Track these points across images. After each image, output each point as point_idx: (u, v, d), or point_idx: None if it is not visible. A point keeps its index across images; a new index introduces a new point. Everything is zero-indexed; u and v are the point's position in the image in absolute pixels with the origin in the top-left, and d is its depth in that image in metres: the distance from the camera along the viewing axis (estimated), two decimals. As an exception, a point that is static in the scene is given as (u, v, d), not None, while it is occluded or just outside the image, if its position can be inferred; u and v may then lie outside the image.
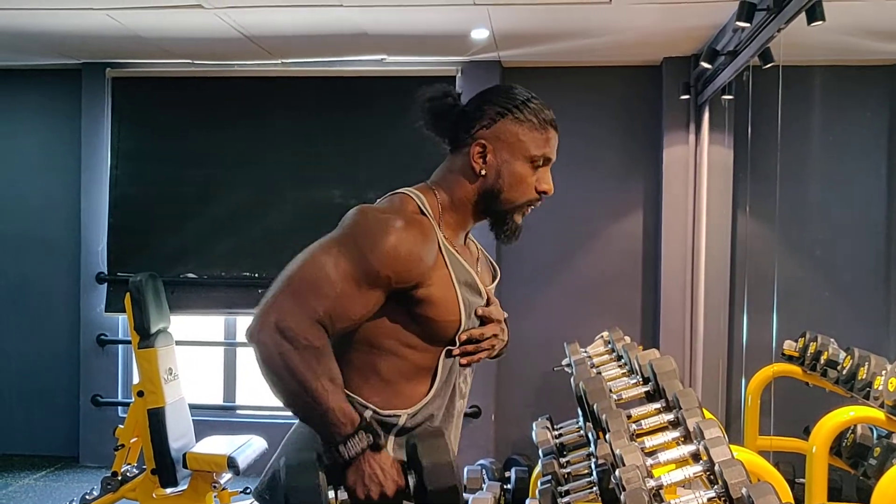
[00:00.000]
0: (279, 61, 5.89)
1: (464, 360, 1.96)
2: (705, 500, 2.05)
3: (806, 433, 4.20)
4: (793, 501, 2.17)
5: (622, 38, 5.25)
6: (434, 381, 1.92)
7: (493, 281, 2.23)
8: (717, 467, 2.08)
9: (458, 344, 1.93)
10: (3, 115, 6.38)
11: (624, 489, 2.10)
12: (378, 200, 1.98)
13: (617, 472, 2.27)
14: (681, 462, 2.31)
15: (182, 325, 5.75)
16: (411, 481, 1.79)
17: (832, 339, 4.41)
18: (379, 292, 1.79)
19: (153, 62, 6.04)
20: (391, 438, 1.88)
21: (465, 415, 2.26)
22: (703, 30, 5.00)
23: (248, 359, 6.45)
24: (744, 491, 1.87)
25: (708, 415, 2.49)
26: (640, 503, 2.02)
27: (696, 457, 2.28)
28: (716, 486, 2.08)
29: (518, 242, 4.51)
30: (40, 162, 6.34)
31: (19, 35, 5.35)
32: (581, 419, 3.50)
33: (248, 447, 4.39)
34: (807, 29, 3.52)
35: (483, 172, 1.90)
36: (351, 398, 1.82)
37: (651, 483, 2.17)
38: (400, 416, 1.87)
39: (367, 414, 1.83)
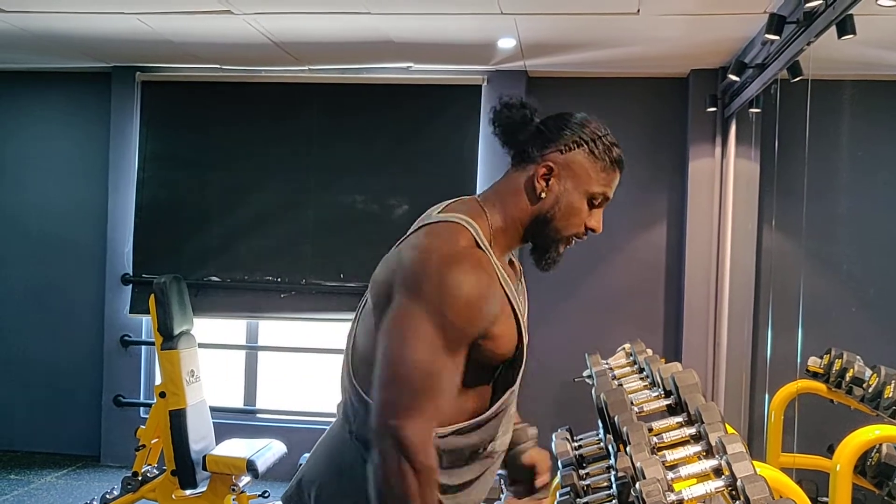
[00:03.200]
0: (306, 68, 5.92)
1: None
2: (727, 516, 2.03)
3: (830, 451, 4.14)
4: (816, 520, 2.14)
5: (649, 49, 5.24)
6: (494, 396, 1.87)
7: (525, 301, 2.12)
8: (739, 483, 2.06)
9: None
10: (33, 117, 6.45)
11: (644, 502, 2.08)
12: (428, 218, 1.89)
13: (637, 486, 2.25)
14: (702, 477, 2.28)
15: (204, 328, 5.77)
16: None
17: (858, 357, 4.35)
18: (465, 350, 1.72)
19: (182, 66, 6.10)
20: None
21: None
22: (730, 42, 4.98)
23: (269, 363, 6.49)
24: (766, 506, 1.84)
25: (730, 430, 2.46)
26: (660, 518, 2.00)
27: (717, 472, 2.26)
28: (738, 502, 2.06)
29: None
30: (69, 164, 6.41)
31: (50, 38, 5.41)
32: (601, 431, 3.49)
33: (268, 451, 4.40)
34: (836, 43, 3.49)
35: (542, 195, 1.85)
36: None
37: (672, 497, 2.14)
38: (443, 432, 1.78)
39: None
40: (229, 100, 6.14)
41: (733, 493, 2.13)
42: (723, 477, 2.20)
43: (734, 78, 4.80)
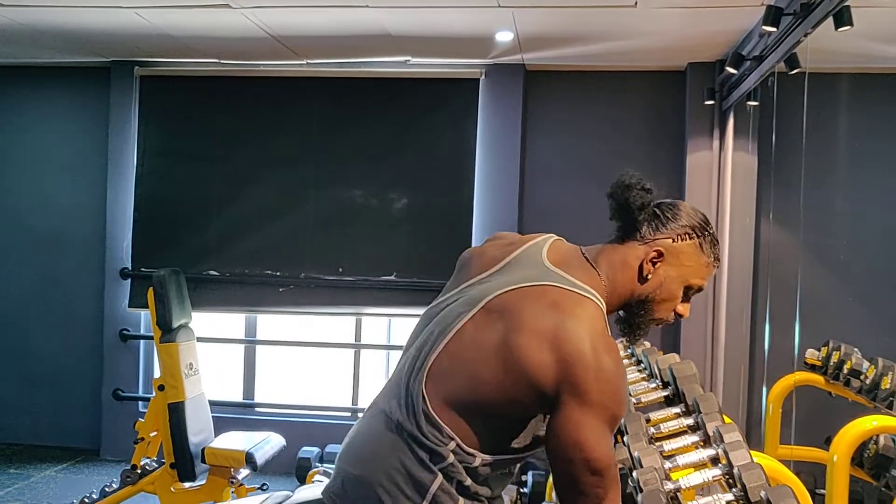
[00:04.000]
0: (304, 61, 5.92)
1: None
2: (724, 503, 2.04)
3: (827, 443, 4.15)
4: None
5: (647, 42, 5.24)
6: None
7: None
8: (736, 471, 2.06)
9: None
10: (32, 112, 6.46)
11: (641, 490, 2.09)
12: (550, 275, 1.88)
13: (634, 474, 2.26)
14: (699, 466, 2.29)
15: (203, 322, 5.78)
16: None
17: (856, 349, 4.37)
18: None
19: (181, 61, 6.09)
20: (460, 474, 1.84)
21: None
22: (728, 34, 4.98)
23: (267, 357, 6.50)
24: (763, 494, 1.85)
25: (727, 420, 2.47)
26: (656, 503, 2.01)
27: (715, 460, 2.27)
28: (734, 490, 2.07)
29: None
30: (68, 159, 6.42)
31: (49, 33, 5.41)
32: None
33: (267, 444, 4.41)
34: (833, 35, 3.50)
35: (648, 277, 1.91)
36: (441, 426, 1.80)
37: (669, 486, 2.15)
38: (476, 456, 1.83)
39: (451, 445, 1.80)
40: (228, 94, 6.14)
41: (730, 480, 2.14)
42: (720, 465, 2.21)
43: (732, 70, 4.80)
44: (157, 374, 6.07)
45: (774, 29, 3.84)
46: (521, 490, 5.15)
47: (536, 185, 5.96)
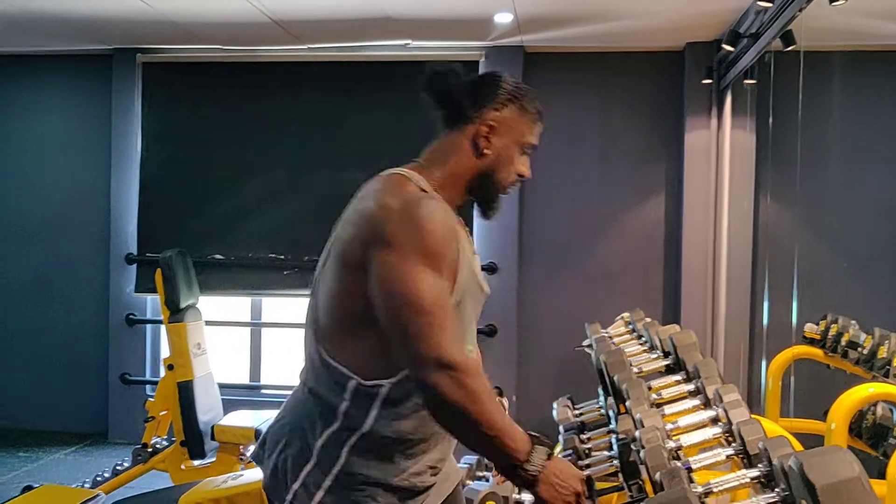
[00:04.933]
0: (305, 46, 5.96)
1: None
2: (724, 457, 2.10)
3: (825, 416, 4.23)
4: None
5: (645, 22, 5.29)
6: None
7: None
8: (735, 427, 2.13)
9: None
10: (35, 99, 6.51)
11: (643, 447, 2.16)
12: (370, 183, 2.00)
13: (637, 433, 2.33)
14: (700, 426, 2.36)
15: (209, 305, 5.85)
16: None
17: (853, 321, 4.43)
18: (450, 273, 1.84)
19: (183, 48, 6.14)
20: (374, 411, 1.86)
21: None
22: (725, 14, 5.03)
23: (273, 339, 6.57)
24: (761, 445, 1.92)
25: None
26: (658, 460, 2.07)
27: (715, 420, 2.34)
28: (734, 444, 2.13)
29: (539, 226, 4.40)
30: (71, 146, 6.47)
31: (52, 20, 5.46)
32: (602, 399, 3.56)
33: (275, 421, 4.48)
34: (828, 13, 3.55)
35: (486, 152, 1.97)
36: (338, 368, 1.86)
37: (671, 444, 2.22)
38: (383, 385, 1.86)
39: (352, 384, 1.84)
40: (230, 80, 6.20)
41: (730, 438, 2.21)
42: (720, 424, 2.28)
43: (728, 48, 4.86)
44: (163, 357, 6.17)
45: (770, 4, 3.90)
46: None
47: (537, 164, 5.94)
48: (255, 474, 2.86)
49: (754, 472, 1.84)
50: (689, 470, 2.07)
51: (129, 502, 3.08)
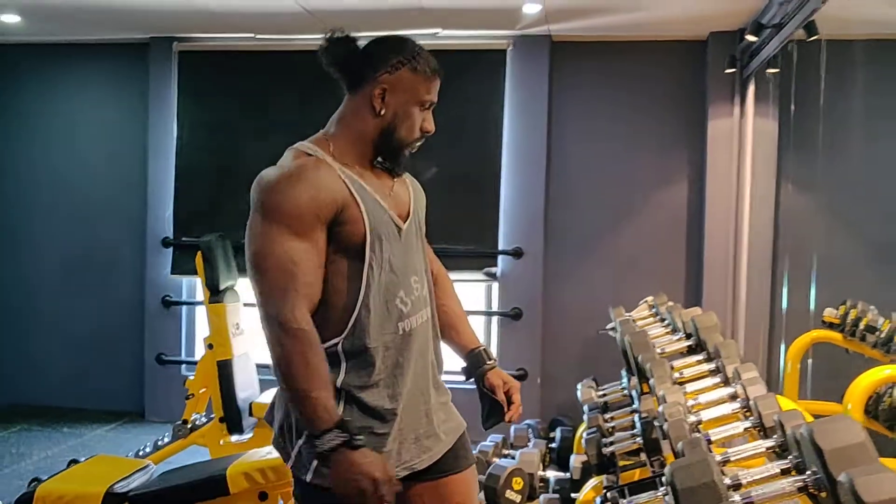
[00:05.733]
0: (337, 35, 6.09)
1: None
2: (741, 430, 2.25)
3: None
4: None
5: (670, 12, 5.39)
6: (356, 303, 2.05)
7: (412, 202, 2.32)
8: (752, 402, 2.27)
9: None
10: (74, 88, 6.69)
11: (666, 420, 2.30)
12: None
13: (660, 408, 2.48)
14: (719, 402, 2.50)
15: (243, 288, 6.02)
16: None
17: (872, 307, 4.53)
18: (320, 233, 2.02)
19: (218, 36, 6.30)
20: (342, 370, 2.03)
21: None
22: (748, 3, 5.11)
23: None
24: (775, 418, 2.05)
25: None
26: (680, 431, 2.22)
27: (733, 396, 2.48)
28: (751, 418, 2.27)
29: (565, 211, 4.58)
30: (109, 133, 6.66)
31: (90, 10, 5.63)
32: (625, 380, 3.70)
33: (310, 399, 4.64)
34: (850, 3, 3.64)
35: (382, 112, 2.13)
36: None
37: (692, 418, 2.37)
38: (337, 343, 2.03)
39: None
40: (263, 67, 6.35)
41: (747, 412, 2.35)
42: (738, 400, 2.42)
43: (752, 38, 4.95)
44: (198, 337, 6.36)
45: (792, -2, 4.00)
46: (550, 445, 5.38)
47: (563, 152, 6.12)
48: (296, 446, 3.02)
49: (769, 443, 1.98)
50: (709, 441, 2.22)
51: (179, 472, 3.25)
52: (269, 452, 3.03)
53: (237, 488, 2.94)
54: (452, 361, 2.41)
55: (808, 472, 1.63)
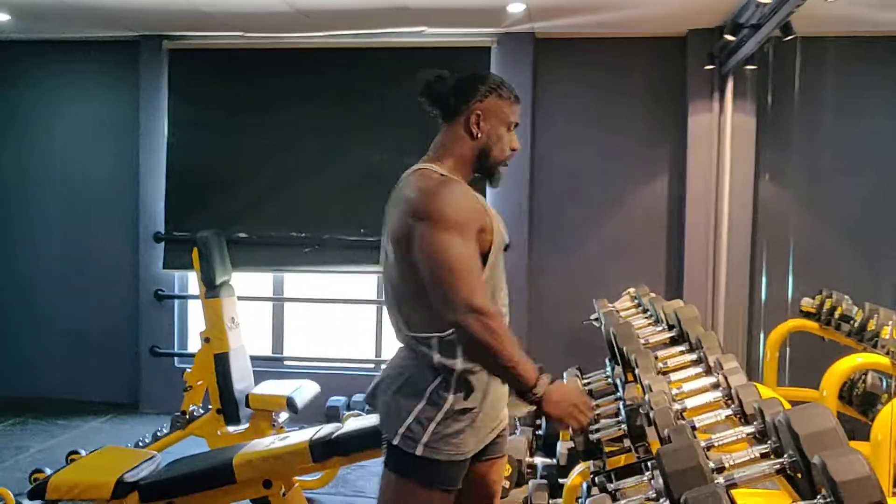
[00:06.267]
0: (325, 34, 6.20)
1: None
2: (723, 417, 2.40)
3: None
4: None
5: (650, 10, 5.52)
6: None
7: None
8: (733, 390, 2.42)
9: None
10: (65, 85, 6.77)
11: (653, 409, 2.45)
12: (401, 182, 2.53)
13: (646, 397, 2.62)
14: (702, 391, 2.65)
15: (233, 281, 6.13)
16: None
17: (846, 296, 4.69)
18: (475, 239, 2.34)
19: (207, 34, 6.39)
20: (460, 353, 2.35)
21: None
22: (726, 2, 5.25)
23: (295, 313, 6.86)
24: (756, 405, 2.21)
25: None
26: (666, 419, 2.37)
27: (715, 385, 2.63)
28: (732, 406, 2.43)
29: (550, 205, 4.68)
30: (101, 130, 6.74)
31: (80, 8, 5.69)
32: (609, 369, 3.84)
33: (304, 390, 4.78)
34: (825, 3, 3.78)
35: (479, 135, 2.47)
36: (419, 336, 2.37)
37: (676, 406, 2.52)
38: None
39: (434, 341, 2.36)
40: (253, 66, 6.45)
41: (729, 401, 2.50)
42: (720, 389, 2.57)
43: (730, 38, 5.10)
44: (191, 329, 6.48)
45: (768, 0, 4.14)
46: (537, 432, 5.54)
47: (546, 147, 6.25)
48: (299, 436, 3.15)
49: (750, 429, 2.14)
50: (693, 428, 2.37)
51: (186, 461, 3.37)
52: (272, 443, 3.16)
53: (243, 476, 3.07)
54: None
55: (786, 456, 1.79)
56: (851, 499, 1.46)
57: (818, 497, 1.58)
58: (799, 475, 1.73)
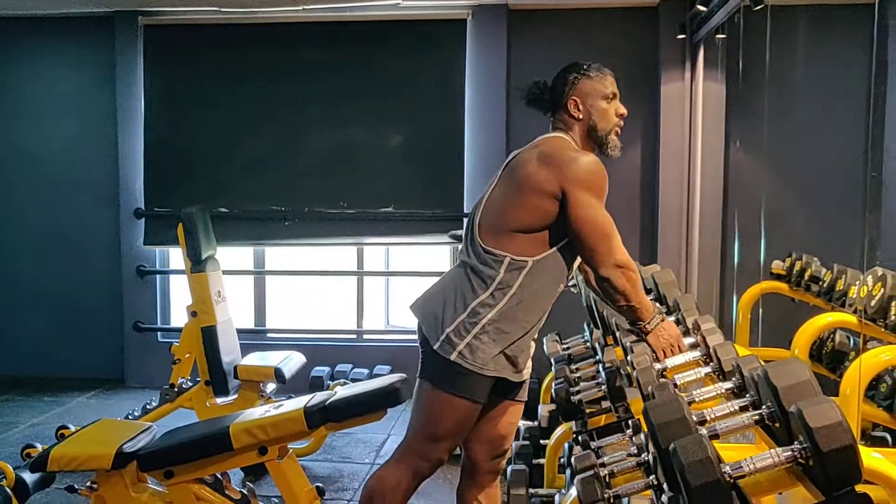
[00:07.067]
0: (301, 7, 6.20)
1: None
2: (702, 375, 2.53)
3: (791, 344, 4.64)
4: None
5: (623, -19, 5.61)
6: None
7: None
8: (712, 350, 2.55)
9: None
10: (39, 62, 6.74)
11: (635, 368, 2.57)
12: (545, 139, 2.91)
13: (628, 358, 2.75)
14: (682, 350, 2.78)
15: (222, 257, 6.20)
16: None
17: (815, 258, 4.85)
18: None
19: (183, 10, 6.39)
20: (521, 277, 2.75)
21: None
22: (698, -27, 5.36)
23: (276, 286, 6.93)
24: (734, 363, 2.34)
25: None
26: (649, 376, 2.50)
27: (694, 346, 2.76)
28: (711, 364, 2.56)
29: None
30: (77, 107, 6.74)
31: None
32: (587, 333, 3.97)
33: (291, 360, 4.86)
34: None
35: (581, 117, 2.86)
36: (494, 251, 2.76)
37: (657, 366, 2.64)
38: (527, 261, 2.76)
39: (507, 260, 2.74)
40: (229, 41, 6.46)
41: (707, 359, 2.63)
42: (699, 349, 2.71)
43: (701, 7, 5.21)
44: (174, 304, 6.54)
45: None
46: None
47: (522, 118, 6.33)
48: (292, 405, 3.24)
49: (728, 385, 2.27)
50: (675, 385, 2.50)
51: (182, 431, 3.45)
52: (267, 411, 3.24)
53: (240, 444, 3.14)
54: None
55: (764, 408, 1.92)
56: (825, 443, 1.58)
57: (794, 443, 1.71)
58: (777, 425, 1.86)
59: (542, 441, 4.42)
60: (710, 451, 1.66)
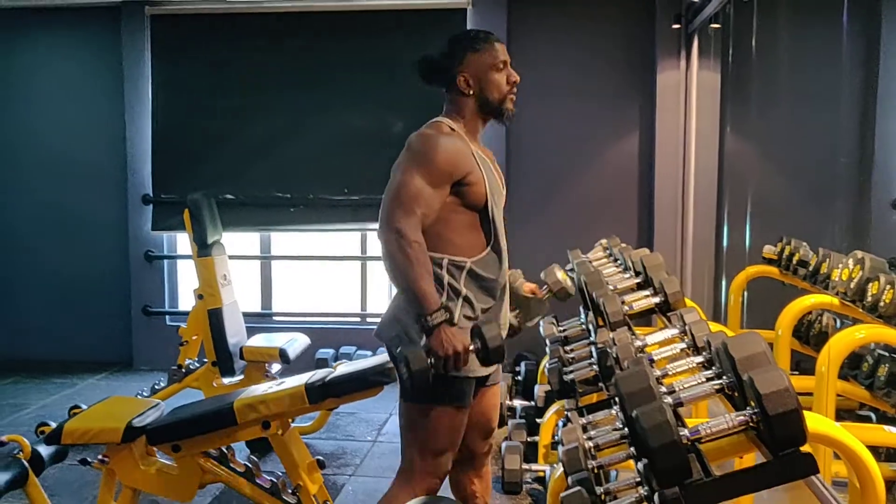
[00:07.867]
0: (305, -3, 6.37)
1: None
2: (678, 350, 2.67)
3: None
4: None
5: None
6: (488, 237, 2.81)
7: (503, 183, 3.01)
8: (687, 327, 2.69)
9: None
10: (47, 51, 6.88)
11: (615, 345, 2.72)
12: (422, 128, 2.81)
13: (610, 335, 2.90)
14: (661, 328, 2.92)
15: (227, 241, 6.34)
16: (475, 345, 2.61)
17: (804, 243, 4.97)
18: (447, 187, 2.70)
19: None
20: (463, 277, 2.75)
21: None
22: (692, -36, 5.47)
23: (282, 271, 7.09)
24: (704, 339, 2.48)
25: (689, 303, 3.10)
26: (628, 352, 2.64)
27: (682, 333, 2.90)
28: (686, 340, 2.70)
29: (524, 160, 4.84)
30: (86, 95, 6.89)
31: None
32: (583, 316, 4.10)
33: (295, 342, 5.00)
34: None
35: (471, 92, 2.79)
36: (434, 257, 2.68)
37: (638, 342, 2.79)
38: (466, 261, 2.74)
39: (445, 261, 2.71)
40: (235, 30, 6.61)
41: (685, 336, 2.77)
42: (676, 325, 2.85)
43: (695, -1, 5.33)
44: (181, 288, 6.69)
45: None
46: (516, 378, 5.83)
47: (521, 104, 6.43)
48: (294, 381, 3.38)
49: (700, 358, 2.41)
50: (652, 361, 2.64)
51: (189, 407, 3.60)
52: (270, 388, 3.39)
53: (244, 419, 3.29)
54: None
55: (724, 378, 2.06)
56: (772, 407, 1.73)
57: (747, 409, 1.85)
58: (735, 394, 2.00)
59: (537, 420, 4.56)
60: (668, 415, 1.80)
